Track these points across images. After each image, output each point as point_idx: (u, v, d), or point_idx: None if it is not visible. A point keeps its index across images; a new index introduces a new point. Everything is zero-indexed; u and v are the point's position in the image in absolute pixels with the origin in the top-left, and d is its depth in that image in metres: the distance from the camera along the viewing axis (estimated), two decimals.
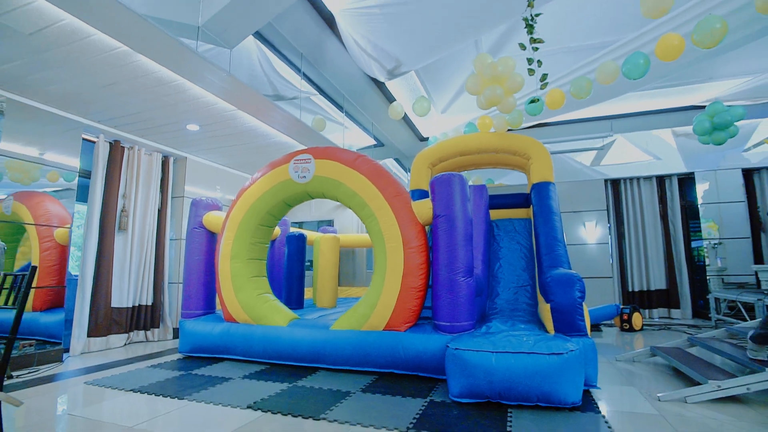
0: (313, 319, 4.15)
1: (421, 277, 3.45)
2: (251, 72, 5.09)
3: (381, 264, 3.57)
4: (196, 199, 4.55)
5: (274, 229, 4.48)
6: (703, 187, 7.07)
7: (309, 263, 7.80)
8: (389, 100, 6.42)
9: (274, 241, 5.86)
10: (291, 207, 4.26)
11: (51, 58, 3.21)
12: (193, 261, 4.42)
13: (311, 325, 3.77)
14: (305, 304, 6.23)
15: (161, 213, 5.48)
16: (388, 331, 3.45)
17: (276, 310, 3.98)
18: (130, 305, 4.94)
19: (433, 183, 3.49)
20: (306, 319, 4.12)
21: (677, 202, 7.15)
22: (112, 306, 4.74)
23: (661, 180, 7.30)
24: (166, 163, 5.61)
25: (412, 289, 3.42)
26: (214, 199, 4.64)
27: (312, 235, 6.62)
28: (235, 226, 4.12)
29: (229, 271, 4.06)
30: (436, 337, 3.25)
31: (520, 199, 5.45)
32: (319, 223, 8.53)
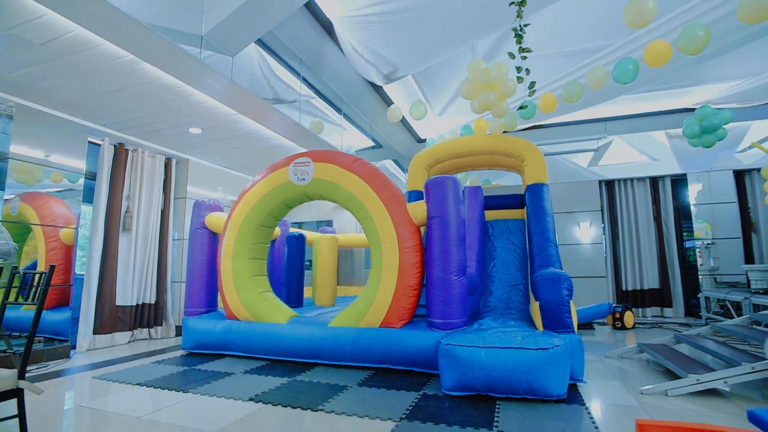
0: (312, 316, 4.28)
1: (416, 276, 3.59)
2: (252, 76, 5.22)
3: (377, 263, 3.70)
4: (199, 200, 4.68)
5: (274, 230, 4.61)
6: (696, 188, 7.20)
7: (308, 263, 7.92)
8: (387, 103, 6.55)
9: (274, 241, 5.98)
10: (291, 208, 4.39)
11: (60, 66, 3.34)
12: (196, 261, 4.56)
13: (310, 323, 3.90)
14: (304, 303, 6.36)
15: (164, 213, 5.61)
16: (384, 328, 3.58)
17: (276, 308, 4.11)
18: (134, 304, 5.08)
19: (428, 185, 3.62)
20: (305, 316, 4.24)
21: (670, 203, 7.28)
22: (116, 304, 4.87)
23: (654, 181, 7.43)
24: (168, 164, 5.74)
25: (407, 288, 3.55)
26: (216, 201, 4.77)
27: (311, 235, 6.74)
28: (237, 227, 4.25)
29: (230, 270, 4.19)
30: (430, 334, 3.38)
31: (515, 200, 5.57)
32: (319, 223, 8.65)
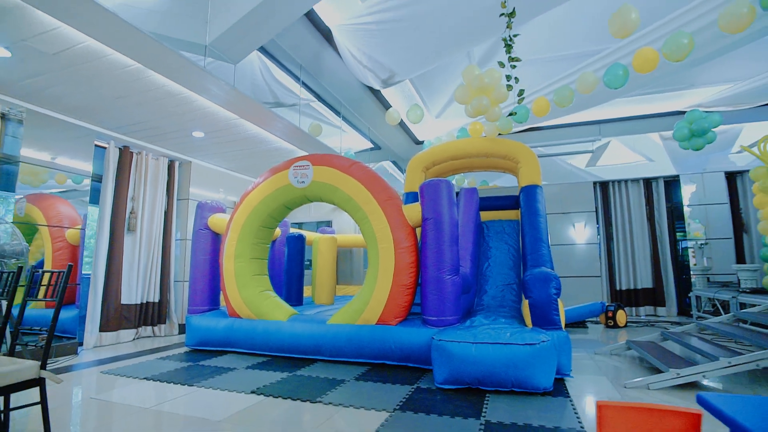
0: (312, 314, 4.42)
1: (411, 276, 3.73)
2: (253, 81, 5.37)
3: (374, 263, 3.84)
4: (202, 202, 4.82)
5: (274, 230, 4.76)
6: (689, 189, 7.33)
7: (308, 262, 8.05)
8: (385, 106, 6.69)
9: (274, 241, 6.12)
10: (291, 210, 4.53)
11: (70, 74, 3.49)
12: (199, 260, 4.70)
13: (309, 320, 4.05)
14: (304, 301, 6.50)
15: (167, 214, 5.75)
16: (381, 325, 3.73)
17: (277, 306, 4.26)
18: (139, 302, 5.22)
19: (422, 188, 3.76)
20: (305, 314, 4.39)
21: (663, 204, 7.42)
22: (121, 303, 5.01)
23: (647, 183, 7.57)
24: (172, 167, 5.88)
25: (403, 287, 3.69)
26: (218, 202, 4.92)
27: (311, 235, 6.87)
28: (239, 228, 4.40)
29: (233, 269, 4.34)
30: (424, 331, 3.52)
31: (510, 201, 5.70)
32: (318, 223, 8.78)
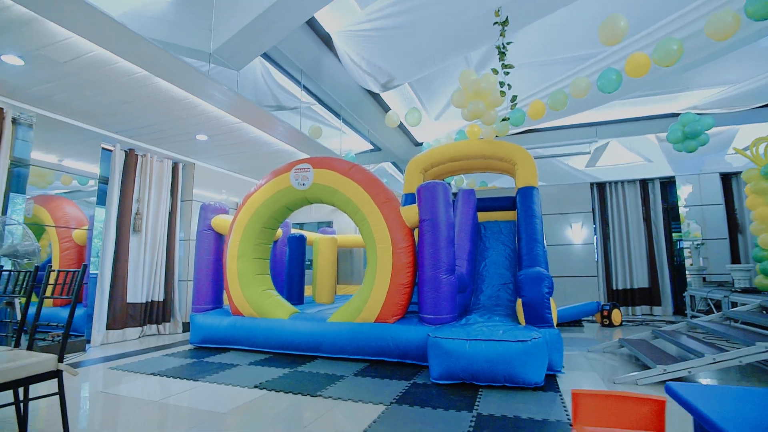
0: (312, 313, 4.55)
1: (408, 275, 3.85)
2: (255, 85, 5.50)
3: (372, 263, 3.96)
4: (206, 203, 4.95)
5: (276, 231, 4.88)
6: (686, 190, 7.43)
7: (309, 262, 8.17)
8: (384, 108, 6.81)
9: (276, 241, 6.24)
10: (292, 211, 4.65)
11: (79, 81, 3.62)
12: (203, 260, 4.83)
13: (310, 318, 4.17)
14: (305, 300, 6.63)
15: (171, 215, 5.88)
16: (379, 323, 3.85)
17: (278, 304, 4.38)
18: (144, 301, 5.35)
19: (419, 190, 3.88)
20: (306, 313, 4.51)
21: (659, 205, 7.52)
22: (127, 302, 5.14)
23: (644, 183, 7.66)
24: (176, 168, 6.01)
25: (400, 286, 3.81)
26: (221, 204, 5.04)
27: (312, 236, 6.99)
28: (241, 229, 4.52)
29: (236, 269, 4.46)
30: (421, 328, 3.64)
31: (507, 202, 5.81)
32: (319, 224, 8.90)
